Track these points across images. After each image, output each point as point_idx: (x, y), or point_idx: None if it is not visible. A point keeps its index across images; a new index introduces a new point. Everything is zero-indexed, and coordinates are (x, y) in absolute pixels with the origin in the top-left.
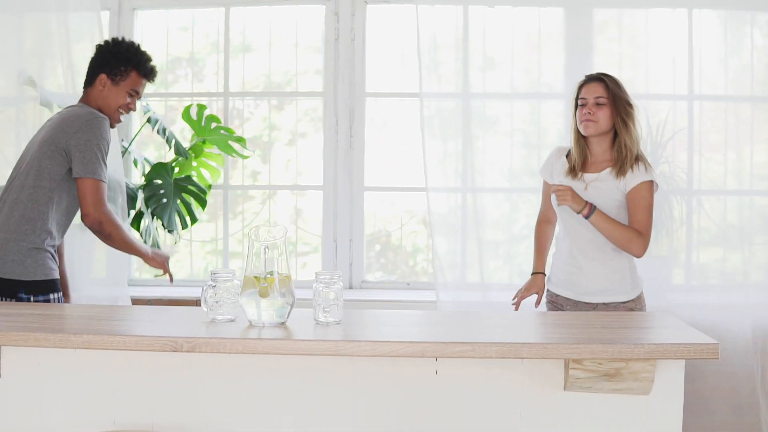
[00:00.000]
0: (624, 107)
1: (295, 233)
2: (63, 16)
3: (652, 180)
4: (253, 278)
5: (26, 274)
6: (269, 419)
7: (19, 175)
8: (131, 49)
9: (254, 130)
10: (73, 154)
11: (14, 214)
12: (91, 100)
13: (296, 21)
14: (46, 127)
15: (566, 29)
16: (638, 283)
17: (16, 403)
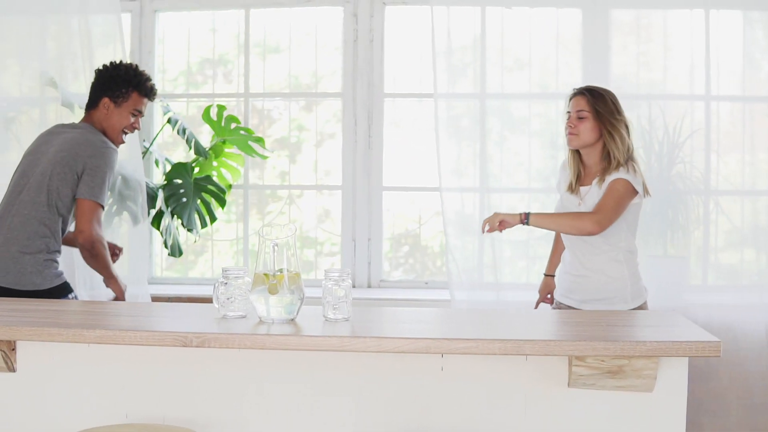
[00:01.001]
0: (608, 119)
1: (314, 232)
2: (84, 19)
3: (628, 180)
4: (263, 275)
5: (45, 284)
6: (278, 413)
7: (28, 189)
8: (130, 71)
9: (282, 131)
10: (83, 178)
11: (27, 229)
12: (95, 122)
13: (316, 22)
14: (54, 145)
15: (584, 30)
16: (640, 293)
17: (31, 397)
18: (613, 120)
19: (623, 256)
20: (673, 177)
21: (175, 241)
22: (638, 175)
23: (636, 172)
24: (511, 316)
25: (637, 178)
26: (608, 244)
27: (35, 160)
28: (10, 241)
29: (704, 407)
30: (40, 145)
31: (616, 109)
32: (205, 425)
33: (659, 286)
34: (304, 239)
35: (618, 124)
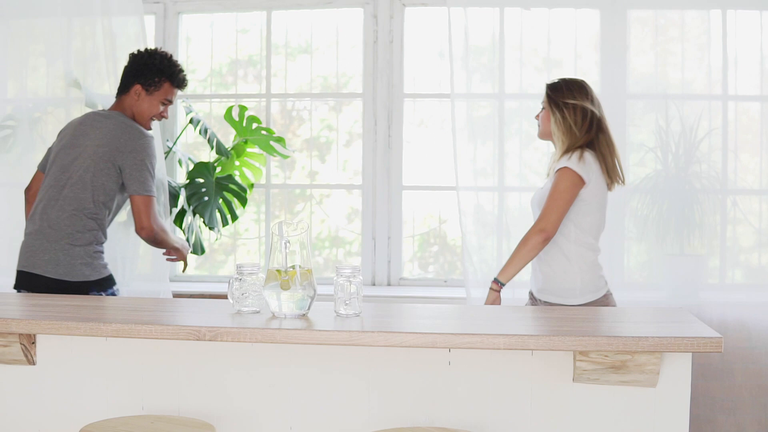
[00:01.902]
0: (555, 102)
1: (343, 231)
2: (108, 21)
3: (567, 167)
4: (275, 271)
5: (95, 274)
6: (290, 406)
7: (71, 185)
8: (164, 61)
9: (312, 131)
10: (128, 173)
11: (76, 223)
12: (125, 108)
13: (337, 24)
14: (92, 138)
15: (602, 30)
16: (593, 288)
17: (51, 389)
18: (560, 103)
19: (573, 252)
20: (690, 176)
21: (197, 240)
22: (587, 163)
23: (584, 159)
24: (518, 311)
25: (585, 166)
26: (554, 240)
27: (75, 154)
28: (59, 234)
29: (719, 404)
30: (77, 138)
31: (570, 94)
32: (220, 417)
33: (675, 284)
34: (333, 239)
35: (564, 107)
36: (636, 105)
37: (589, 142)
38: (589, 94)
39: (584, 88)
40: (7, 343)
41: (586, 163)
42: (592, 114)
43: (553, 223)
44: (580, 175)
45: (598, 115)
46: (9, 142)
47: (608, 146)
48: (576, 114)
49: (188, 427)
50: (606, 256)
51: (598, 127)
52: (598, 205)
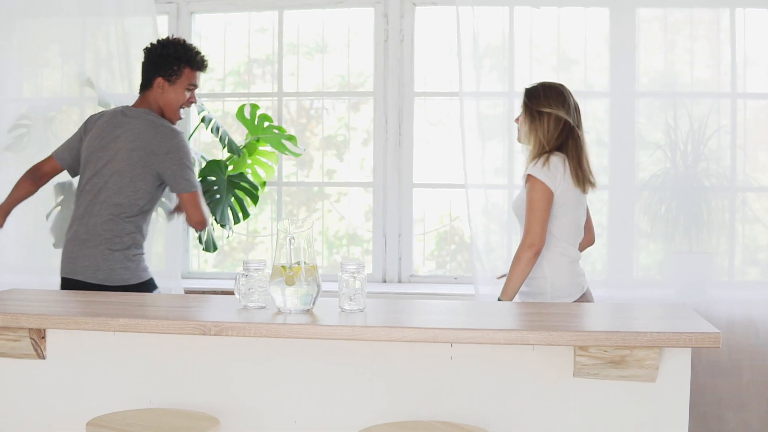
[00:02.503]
0: (528, 108)
1: (347, 228)
2: (120, 21)
3: (531, 174)
4: (280, 267)
5: (134, 278)
6: (294, 400)
7: (107, 190)
8: (179, 47)
9: (330, 130)
10: (170, 175)
11: (114, 228)
12: (151, 102)
13: (348, 23)
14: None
15: (611, 29)
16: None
17: (60, 383)
18: (535, 112)
19: (543, 256)
20: (699, 174)
21: (210, 237)
22: (552, 168)
23: (549, 164)
24: (520, 308)
25: (550, 172)
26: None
27: (107, 157)
28: (98, 240)
29: (726, 401)
30: (106, 140)
31: (546, 102)
32: (226, 411)
33: (684, 281)
34: (351, 237)
35: (539, 116)
36: (645, 103)
37: (559, 145)
38: (566, 101)
39: (562, 95)
40: (18, 338)
41: (551, 167)
42: (566, 123)
43: (538, 234)
44: (545, 184)
45: (572, 123)
46: (24, 141)
47: (577, 150)
48: (549, 123)
49: (193, 420)
50: (615, 254)
51: (570, 133)
52: (567, 208)
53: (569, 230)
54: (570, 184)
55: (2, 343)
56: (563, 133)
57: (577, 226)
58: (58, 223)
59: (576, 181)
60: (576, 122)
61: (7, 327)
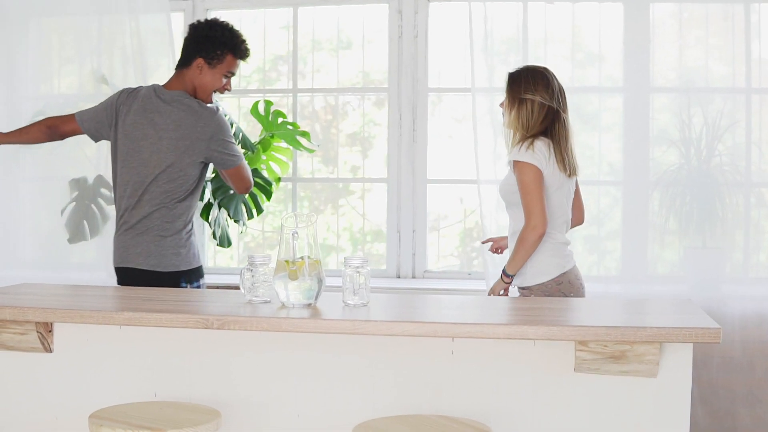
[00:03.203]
0: (511, 94)
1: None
2: (134, 18)
3: (520, 160)
4: (284, 262)
5: (184, 264)
6: (297, 393)
7: (157, 181)
8: (226, 32)
9: (355, 126)
10: (217, 156)
11: (165, 214)
12: (186, 82)
13: (363, 19)
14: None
15: (625, 24)
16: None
17: (67, 376)
18: (517, 99)
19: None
20: (713, 170)
21: (224, 232)
22: (537, 151)
23: (533, 147)
24: (523, 302)
25: (535, 155)
26: (513, 226)
27: (152, 148)
28: (148, 226)
29: (740, 398)
30: (145, 127)
31: (528, 87)
32: (230, 405)
33: (697, 277)
34: (376, 233)
35: (521, 102)
36: (659, 98)
37: (544, 130)
38: (549, 85)
39: (545, 78)
40: (25, 331)
41: (536, 151)
42: (549, 108)
43: (540, 216)
44: (533, 165)
45: (555, 108)
46: None
47: (562, 135)
48: (533, 109)
49: (195, 413)
50: (629, 250)
51: (555, 117)
52: (550, 191)
53: (553, 214)
54: (555, 168)
55: (10, 336)
56: (547, 118)
57: (562, 211)
58: (72, 218)
59: (562, 165)
60: (561, 106)
61: (15, 320)
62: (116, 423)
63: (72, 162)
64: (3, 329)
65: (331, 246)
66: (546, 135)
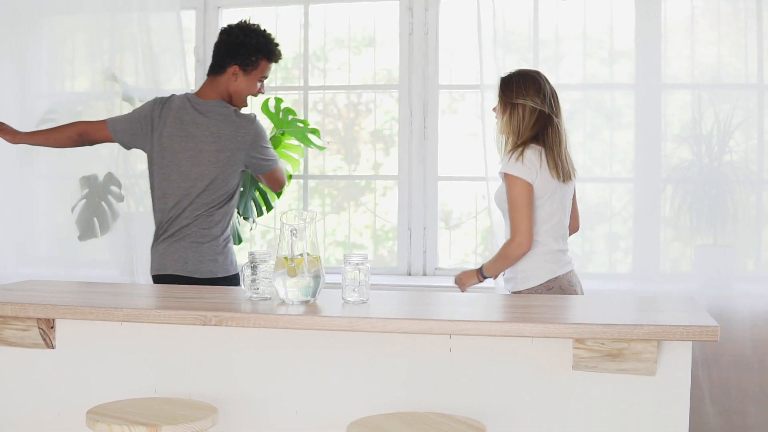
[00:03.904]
0: (502, 100)
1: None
2: (144, 16)
3: (508, 173)
4: (283, 259)
5: (221, 271)
6: (297, 390)
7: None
8: (261, 39)
9: (377, 123)
10: (256, 162)
11: (203, 222)
12: (221, 88)
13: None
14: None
15: (636, 20)
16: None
17: (69, 372)
18: (508, 103)
19: None
20: (724, 167)
21: (235, 230)
22: (527, 161)
23: (523, 158)
24: (522, 300)
25: (524, 166)
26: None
27: (192, 161)
28: (186, 234)
29: (750, 396)
30: (183, 140)
31: (520, 92)
32: (230, 401)
33: (708, 275)
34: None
35: (513, 108)
36: (670, 95)
37: (535, 135)
38: (541, 89)
39: (536, 83)
40: (26, 328)
41: (525, 161)
42: (541, 112)
43: (526, 234)
44: (522, 179)
45: (547, 112)
46: None
47: (555, 140)
48: (524, 114)
49: (191, 409)
50: (640, 248)
51: (547, 122)
52: (543, 200)
53: (546, 220)
54: (547, 175)
55: (12, 332)
56: (539, 122)
57: (557, 218)
58: (83, 216)
59: (555, 172)
60: (553, 110)
61: (16, 317)
62: (112, 419)
63: (84, 160)
64: (5, 325)
65: (353, 243)
66: (538, 140)
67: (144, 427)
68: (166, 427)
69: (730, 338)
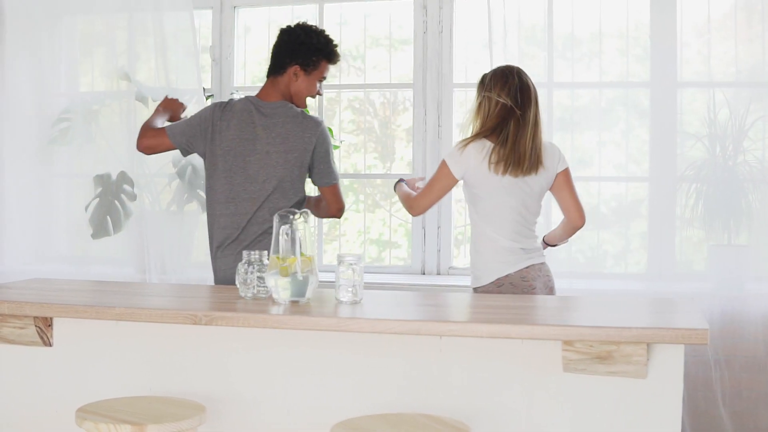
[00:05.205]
0: (476, 98)
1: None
2: (158, 16)
3: (444, 159)
4: (276, 258)
5: None
6: (289, 390)
7: (269, 200)
8: (321, 39)
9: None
10: (318, 168)
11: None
12: (282, 88)
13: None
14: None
15: (651, 18)
16: (482, 274)
17: (66, 370)
18: (477, 92)
19: (474, 237)
20: (739, 165)
21: None
22: (465, 155)
23: (463, 150)
24: (516, 300)
25: (461, 158)
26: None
27: (259, 163)
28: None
29: (762, 399)
30: (249, 142)
31: (490, 85)
32: (224, 400)
33: (721, 275)
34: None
35: (482, 100)
36: (685, 93)
37: (496, 126)
38: (507, 83)
39: (504, 76)
40: (24, 326)
41: (464, 155)
42: (503, 106)
43: (422, 206)
44: (450, 170)
45: (510, 105)
46: (68, 135)
47: (516, 133)
48: (489, 106)
49: (180, 407)
50: (654, 247)
51: (510, 115)
52: (487, 194)
53: (493, 216)
54: (486, 171)
55: (10, 330)
56: (501, 115)
57: (508, 214)
58: (96, 214)
59: (503, 166)
60: (518, 103)
61: (14, 315)
62: (100, 417)
63: (100, 158)
64: (3, 323)
65: (385, 241)
66: (497, 133)
67: (129, 426)
68: (152, 425)
69: (744, 339)
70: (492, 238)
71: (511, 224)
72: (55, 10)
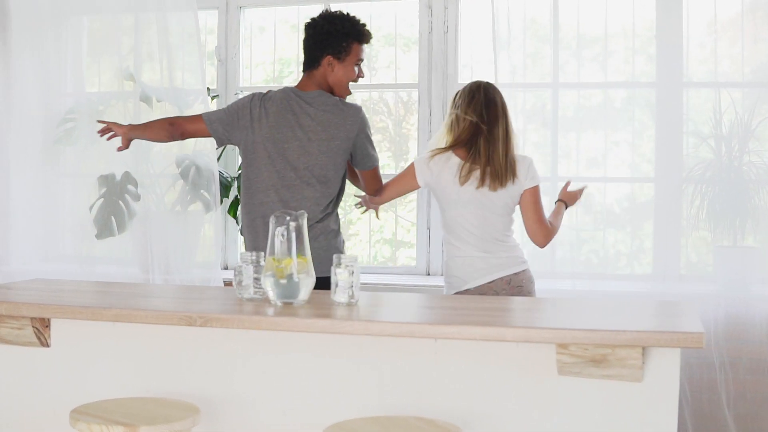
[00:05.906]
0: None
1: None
2: (162, 16)
3: (414, 161)
4: (271, 260)
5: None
6: (285, 392)
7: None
8: (346, 22)
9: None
10: (360, 154)
11: (323, 216)
12: (320, 82)
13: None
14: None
15: (657, 18)
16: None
17: (64, 371)
18: (449, 108)
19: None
20: (745, 166)
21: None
22: (431, 166)
23: (432, 160)
24: (511, 303)
25: (428, 168)
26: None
27: (299, 151)
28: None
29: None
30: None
31: (459, 101)
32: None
33: (727, 277)
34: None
35: (450, 112)
36: (691, 93)
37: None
38: (472, 101)
39: (471, 94)
40: (21, 326)
41: (429, 164)
42: (471, 123)
43: (384, 197)
44: (415, 174)
45: (476, 122)
46: (73, 135)
47: (486, 150)
48: (458, 122)
49: (174, 409)
50: (659, 248)
51: (478, 131)
52: (448, 204)
53: (454, 226)
54: (448, 184)
55: (7, 331)
56: (469, 131)
57: (469, 225)
58: (100, 214)
59: (464, 179)
60: (485, 119)
61: (11, 315)
62: (93, 418)
63: (103, 159)
64: (1, 324)
65: (400, 241)
66: (467, 149)
67: (122, 427)
68: (144, 427)
69: (749, 341)
70: (455, 248)
71: (470, 237)
72: (60, 10)
